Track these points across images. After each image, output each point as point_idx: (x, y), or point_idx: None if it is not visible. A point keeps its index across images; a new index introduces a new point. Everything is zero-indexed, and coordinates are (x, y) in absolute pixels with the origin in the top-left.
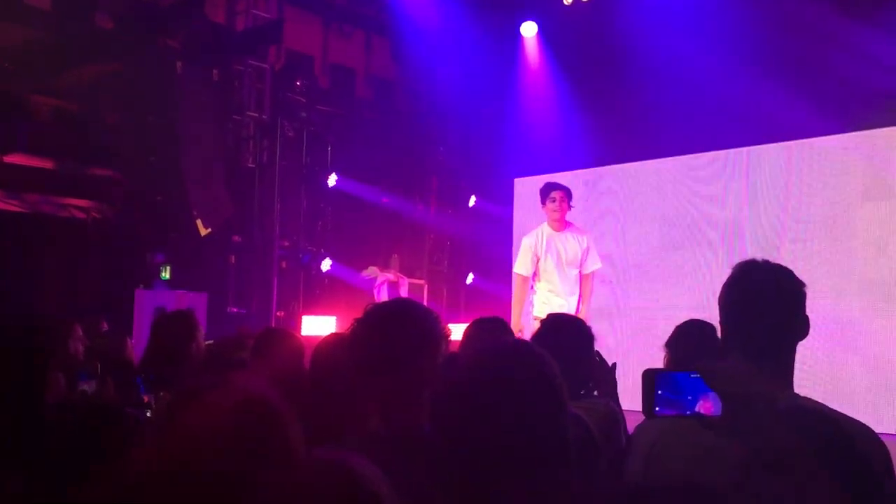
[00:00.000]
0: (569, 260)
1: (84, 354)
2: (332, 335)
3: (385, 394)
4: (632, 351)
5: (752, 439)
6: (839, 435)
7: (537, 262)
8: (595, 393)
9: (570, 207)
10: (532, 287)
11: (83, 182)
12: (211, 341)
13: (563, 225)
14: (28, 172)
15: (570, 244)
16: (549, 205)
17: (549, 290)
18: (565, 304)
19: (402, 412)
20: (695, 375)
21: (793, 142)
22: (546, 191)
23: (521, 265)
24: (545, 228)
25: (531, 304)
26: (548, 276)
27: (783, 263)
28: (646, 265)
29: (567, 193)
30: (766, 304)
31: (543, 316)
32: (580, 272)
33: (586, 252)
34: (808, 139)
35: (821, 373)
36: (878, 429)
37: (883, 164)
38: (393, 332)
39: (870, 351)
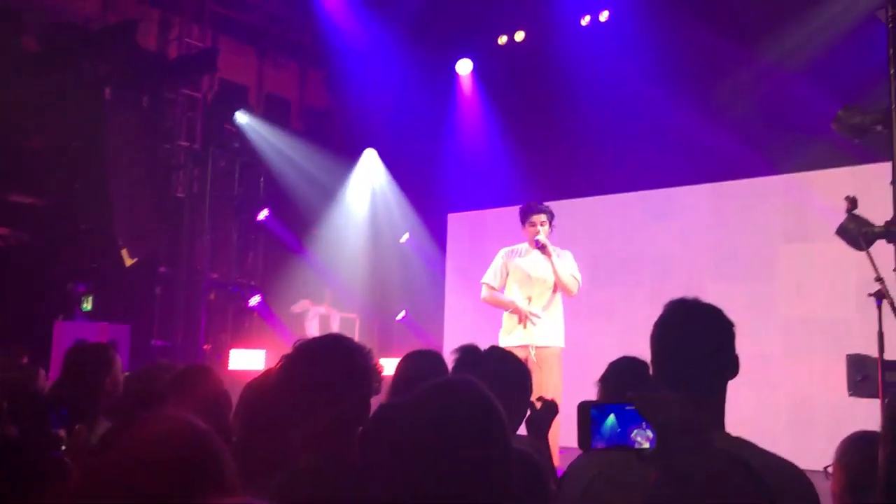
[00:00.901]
0: (541, 275)
1: None
2: (264, 372)
3: (316, 428)
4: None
5: (680, 471)
6: (748, 475)
7: (506, 276)
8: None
9: (552, 229)
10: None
11: (2, 208)
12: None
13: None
14: None
15: (545, 262)
16: (530, 229)
17: (508, 316)
18: (522, 335)
19: (332, 447)
20: (630, 407)
21: (719, 183)
22: (527, 213)
23: (489, 275)
24: (523, 246)
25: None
26: (513, 290)
27: (686, 298)
28: (574, 301)
29: (550, 216)
30: (696, 342)
31: (509, 345)
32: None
33: (573, 265)
34: (734, 181)
35: (744, 410)
36: (800, 465)
37: (802, 207)
38: (323, 367)
39: (790, 389)
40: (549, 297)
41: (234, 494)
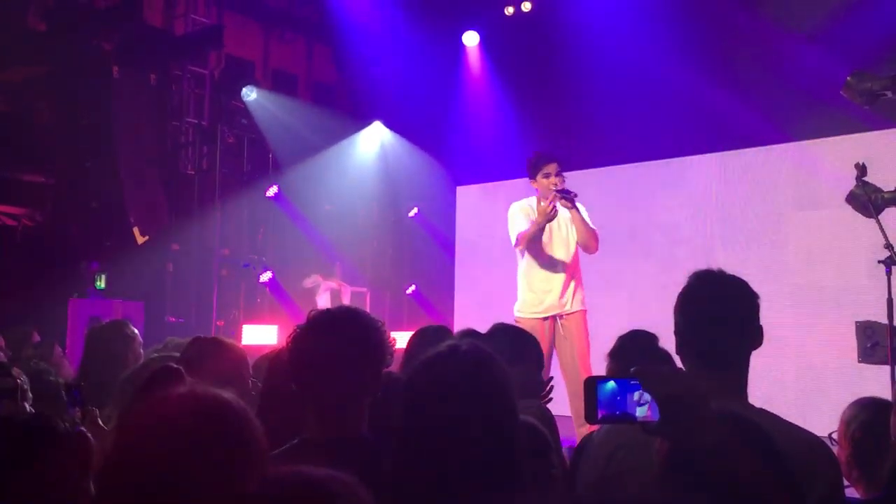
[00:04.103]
0: (562, 236)
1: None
2: (278, 347)
3: (325, 400)
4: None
5: (684, 442)
6: (762, 440)
7: None
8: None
9: (564, 181)
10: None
11: (14, 188)
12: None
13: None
14: None
15: (564, 219)
16: (542, 181)
17: (532, 285)
18: (552, 304)
19: (341, 419)
20: (634, 381)
21: (728, 152)
22: (537, 163)
23: (516, 231)
24: (534, 201)
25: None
26: (534, 256)
27: (711, 269)
28: (584, 272)
29: (562, 166)
30: (722, 314)
31: (532, 316)
32: (575, 250)
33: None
34: (743, 149)
35: (752, 379)
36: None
37: (812, 174)
38: (337, 338)
39: (799, 356)
40: (571, 257)
41: (263, 467)
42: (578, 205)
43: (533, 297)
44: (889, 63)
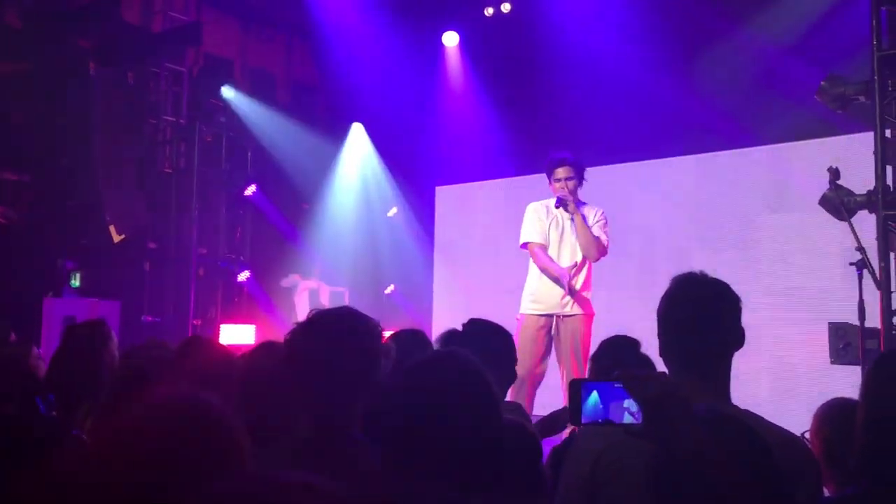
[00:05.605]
0: (572, 241)
1: None
2: (265, 343)
3: (321, 400)
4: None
5: (668, 444)
6: (755, 441)
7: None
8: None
9: (581, 181)
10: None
11: None
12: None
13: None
14: None
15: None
16: (555, 184)
17: (536, 283)
18: (553, 304)
19: (336, 419)
20: (617, 385)
21: (703, 154)
22: (548, 168)
23: (531, 233)
24: (551, 202)
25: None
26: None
27: (693, 272)
28: None
29: (575, 168)
30: (707, 318)
31: (532, 312)
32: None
33: (597, 225)
34: (718, 152)
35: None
36: None
37: (786, 178)
38: (337, 338)
39: (772, 357)
40: (580, 261)
41: (244, 468)
42: (595, 210)
43: (535, 295)
44: (862, 68)
